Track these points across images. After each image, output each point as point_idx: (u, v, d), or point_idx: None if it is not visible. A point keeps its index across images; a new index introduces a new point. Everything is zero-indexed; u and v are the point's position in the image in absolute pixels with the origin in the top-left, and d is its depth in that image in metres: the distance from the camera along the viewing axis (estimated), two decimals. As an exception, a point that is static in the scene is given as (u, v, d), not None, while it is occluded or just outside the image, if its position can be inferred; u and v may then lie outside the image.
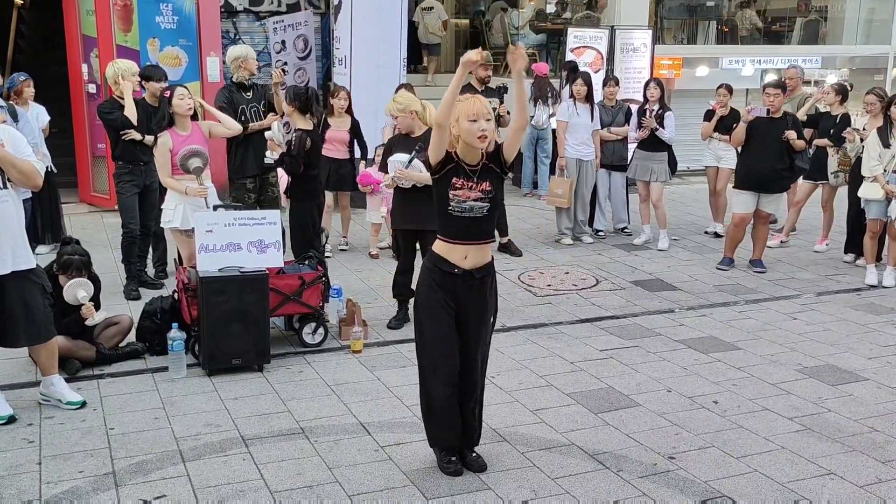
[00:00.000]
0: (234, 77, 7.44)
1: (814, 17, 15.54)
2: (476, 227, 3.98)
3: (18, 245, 4.61)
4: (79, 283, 5.30)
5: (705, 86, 11.68)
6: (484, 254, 4.05)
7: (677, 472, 4.31)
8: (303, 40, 11.57)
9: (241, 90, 7.46)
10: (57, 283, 5.30)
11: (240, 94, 7.44)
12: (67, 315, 5.33)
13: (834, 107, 8.60)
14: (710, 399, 5.23)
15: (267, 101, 7.49)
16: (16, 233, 4.60)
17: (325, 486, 4.12)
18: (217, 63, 9.99)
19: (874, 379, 5.59)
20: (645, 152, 8.84)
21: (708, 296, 7.36)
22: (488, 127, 3.86)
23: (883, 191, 7.49)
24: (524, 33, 14.40)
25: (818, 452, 4.55)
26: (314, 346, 5.92)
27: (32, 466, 4.27)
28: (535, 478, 4.23)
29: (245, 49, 7.60)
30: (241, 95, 7.44)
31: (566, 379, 5.50)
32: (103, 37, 9.74)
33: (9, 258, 4.57)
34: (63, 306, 5.28)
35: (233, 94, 7.41)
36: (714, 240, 9.28)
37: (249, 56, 7.48)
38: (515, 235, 8.82)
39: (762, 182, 7.82)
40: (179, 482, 4.12)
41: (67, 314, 5.33)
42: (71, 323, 5.35)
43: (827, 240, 8.94)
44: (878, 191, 7.54)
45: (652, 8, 13.49)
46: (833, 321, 6.76)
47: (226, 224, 5.59)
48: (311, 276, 5.88)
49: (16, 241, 4.60)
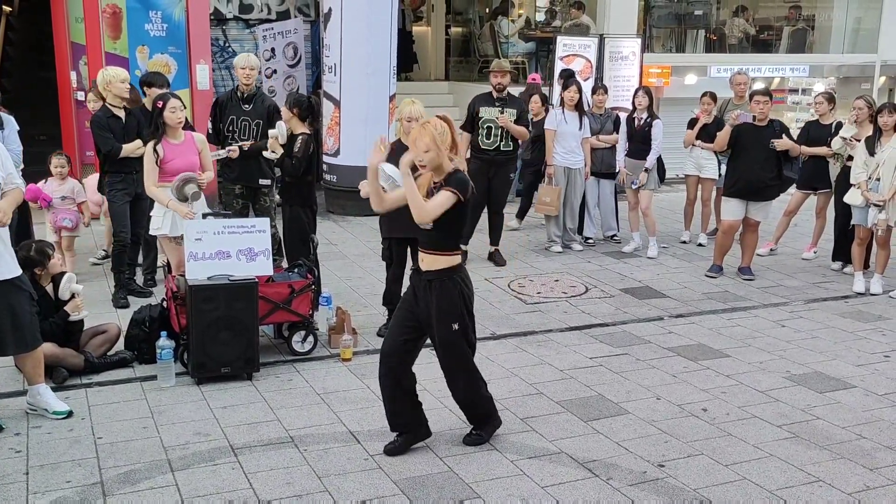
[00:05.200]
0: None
1: (801, 25, 15.65)
2: (427, 239, 4.38)
3: (2, 253, 4.62)
4: (70, 279, 5.48)
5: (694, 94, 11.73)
6: (434, 261, 4.37)
7: (667, 480, 4.32)
8: (292, 48, 11.58)
9: (240, 101, 7.39)
10: (38, 284, 5.31)
11: (238, 106, 7.38)
12: (49, 317, 5.32)
13: (825, 116, 8.64)
14: (700, 407, 5.25)
15: (269, 118, 7.33)
16: (8, 240, 4.66)
17: (315, 495, 4.11)
18: (206, 71, 9.98)
19: (862, 386, 5.61)
20: (634, 160, 8.87)
21: (697, 303, 7.39)
22: (425, 158, 4.23)
23: (862, 197, 7.56)
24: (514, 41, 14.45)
25: (807, 460, 4.57)
26: (304, 355, 5.91)
27: (20, 476, 4.24)
28: (525, 486, 4.23)
29: (241, 58, 7.52)
30: (239, 107, 7.37)
31: (556, 387, 5.51)
32: (92, 44, 9.72)
33: (6, 264, 4.59)
34: (45, 309, 5.27)
35: (229, 104, 7.38)
36: (701, 248, 9.30)
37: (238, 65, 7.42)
38: (504, 242, 8.83)
39: (750, 190, 7.86)
40: (168, 492, 4.10)
41: (48, 316, 5.32)
42: (55, 325, 5.34)
43: (815, 247, 8.99)
44: (860, 197, 7.60)
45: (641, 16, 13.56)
46: (821, 329, 6.79)
47: (215, 232, 5.58)
48: (301, 284, 5.87)
49: (8, 248, 4.64)
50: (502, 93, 8.28)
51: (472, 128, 8.33)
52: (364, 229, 9.70)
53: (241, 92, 7.40)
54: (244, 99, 7.38)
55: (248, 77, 7.32)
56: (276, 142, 6.63)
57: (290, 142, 6.58)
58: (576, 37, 12.23)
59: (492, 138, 8.25)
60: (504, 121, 8.15)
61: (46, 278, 5.46)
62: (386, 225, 6.37)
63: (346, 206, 10.35)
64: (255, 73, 7.41)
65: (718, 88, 9.68)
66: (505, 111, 8.20)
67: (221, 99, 7.60)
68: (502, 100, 8.27)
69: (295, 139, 6.52)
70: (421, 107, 6.18)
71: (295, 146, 6.47)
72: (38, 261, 5.36)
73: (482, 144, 8.29)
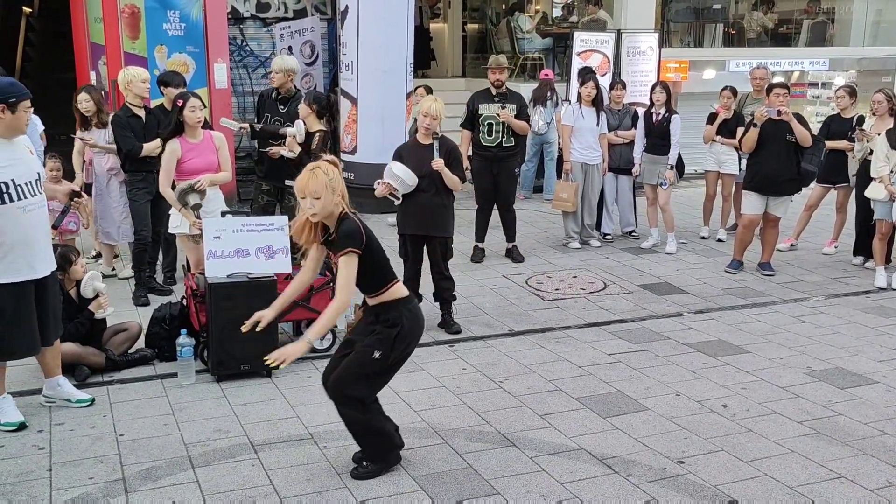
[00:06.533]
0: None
1: (821, 18, 15.51)
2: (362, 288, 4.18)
3: (47, 246, 4.84)
4: (93, 276, 5.51)
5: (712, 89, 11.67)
6: (376, 300, 4.17)
7: (686, 477, 4.30)
8: (309, 46, 11.60)
9: (277, 101, 7.55)
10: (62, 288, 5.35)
11: (274, 105, 7.54)
12: (73, 318, 5.37)
13: (847, 110, 8.57)
14: (719, 403, 5.22)
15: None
16: (49, 235, 4.87)
17: (335, 491, 4.12)
18: (224, 70, 10.03)
19: (884, 382, 5.56)
20: (652, 156, 8.83)
21: (716, 299, 7.35)
22: (316, 205, 3.94)
23: (886, 191, 7.49)
24: (531, 37, 14.40)
25: (828, 456, 4.54)
26: (323, 352, 5.92)
27: (43, 473, 4.28)
28: (544, 482, 4.23)
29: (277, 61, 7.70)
30: (276, 106, 7.53)
31: (574, 383, 5.50)
32: (111, 44, 9.79)
33: (49, 258, 4.78)
34: (70, 311, 5.31)
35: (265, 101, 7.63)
36: (720, 243, 9.26)
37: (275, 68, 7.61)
38: (522, 239, 8.82)
39: (769, 184, 7.80)
40: (189, 488, 4.13)
41: (73, 318, 5.37)
42: (80, 326, 5.40)
43: (836, 242, 8.92)
44: (882, 191, 7.53)
45: (658, 11, 13.49)
46: (842, 324, 6.73)
47: (234, 230, 5.61)
48: (320, 282, 5.88)
49: (49, 243, 4.84)
50: (500, 88, 8.27)
51: (472, 125, 8.32)
52: (381, 226, 9.71)
53: (277, 92, 7.53)
54: (280, 100, 7.51)
55: (274, 80, 7.51)
56: (293, 140, 6.66)
57: (308, 139, 6.61)
58: (593, 32, 12.18)
59: (493, 135, 8.21)
60: (506, 116, 8.12)
61: (70, 282, 5.50)
62: (401, 221, 6.39)
63: (362, 204, 10.33)
64: (281, 77, 7.53)
65: (737, 83, 9.60)
66: (506, 106, 8.19)
67: (264, 94, 7.82)
68: (502, 95, 8.24)
69: (312, 136, 6.55)
70: (442, 106, 6.18)
71: (312, 143, 6.50)
72: (61, 265, 5.39)
73: (483, 142, 8.26)
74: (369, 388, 4.19)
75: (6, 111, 4.47)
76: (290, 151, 6.70)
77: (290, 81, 7.60)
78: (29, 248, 4.57)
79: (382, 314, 4.14)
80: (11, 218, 4.49)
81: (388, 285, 4.15)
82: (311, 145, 6.50)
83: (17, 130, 4.58)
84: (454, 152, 6.27)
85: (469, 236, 8.63)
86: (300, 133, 6.61)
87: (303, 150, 6.58)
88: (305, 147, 6.56)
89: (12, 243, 4.51)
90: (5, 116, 4.47)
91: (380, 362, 4.10)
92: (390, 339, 4.10)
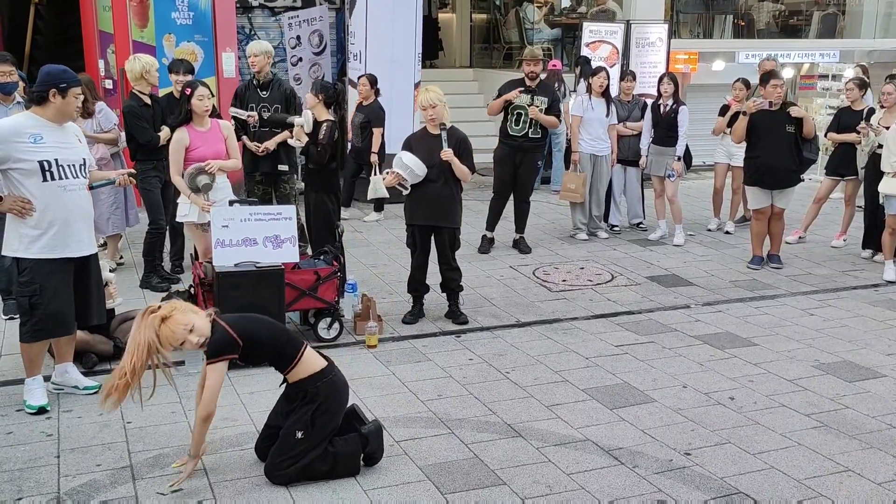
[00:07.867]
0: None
1: (831, 10, 15.42)
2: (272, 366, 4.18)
3: (90, 229, 4.96)
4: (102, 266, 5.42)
5: (721, 80, 11.62)
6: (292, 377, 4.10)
7: (693, 469, 4.30)
8: (318, 36, 11.59)
9: (257, 88, 7.48)
10: None
11: (255, 93, 7.47)
12: None
13: (856, 102, 8.52)
14: (727, 395, 5.21)
15: (286, 102, 7.48)
16: (89, 219, 4.95)
17: (341, 481, 4.13)
18: (233, 58, 10.03)
19: (892, 375, 5.54)
20: (659, 147, 8.80)
21: (724, 291, 7.33)
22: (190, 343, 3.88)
23: None
24: (539, 28, 14.37)
25: (836, 449, 4.53)
26: (329, 341, 5.93)
27: (51, 459, 4.30)
28: (551, 473, 4.23)
29: (254, 45, 7.60)
30: (256, 93, 7.47)
31: (581, 374, 5.50)
32: (120, 32, 9.78)
33: (88, 241, 4.90)
34: None
35: (247, 92, 7.48)
36: (728, 235, 9.23)
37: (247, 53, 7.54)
38: (530, 230, 8.81)
39: (769, 177, 7.76)
40: (196, 476, 4.14)
41: None
42: None
43: (845, 235, 8.88)
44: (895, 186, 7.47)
45: (668, 2, 13.43)
46: (850, 317, 6.71)
47: (241, 219, 5.62)
48: (327, 272, 5.89)
49: (89, 226, 4.94)
50: (535, 81, 8.27)
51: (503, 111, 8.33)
52: (389, 217, 9.72)
53: (256, 80, 7.51)
54: (261, 86, 7.49)
55: (254, 64, 7.48)
56: (301, 130, 6.65)
57: (315, 129, 6.59)
58: (602, 23, 12.13)
59: (521, 125, 8.24)
60: (535, 113, 8.17)
61: None
62: (409, 212, 6.39)
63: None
64: (262, 60, 7.47)
65: (746, 74, 9.56)
66: (536, 99, 8.19)
67: (239, 90, 7.75)
68: (536, 88, 8.25)
69: (320, 126, 6.54)
70: (435, 93, 6.18)
71: (320, 133, 6.48)
72: None
73: (511, 130, 8.29)
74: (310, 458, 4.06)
75: (56, 96, 4.64)
76: (297, 141, 6.68)
77: (268, 65, 7.57)
78: (67, 227, 4.72)
79: (300, 390, 4.09)
80: (53, 195, 4.66)
81: (294, 361, 4.06)
82: (318, 135, 6.48)
83: (66, 115, 4.78)
84: (464, 143, 6.27)
85: (476, 227, 8.62)
86: (308, 123, 6.59)
87: (310, 141, 6.57)
88: (313, 137, 6.54)
89: (52, 220, 4.67)
90: (55, 101, 4.65)
91: (306, 440, 4.03)
92: (309, 416, 4.04)
